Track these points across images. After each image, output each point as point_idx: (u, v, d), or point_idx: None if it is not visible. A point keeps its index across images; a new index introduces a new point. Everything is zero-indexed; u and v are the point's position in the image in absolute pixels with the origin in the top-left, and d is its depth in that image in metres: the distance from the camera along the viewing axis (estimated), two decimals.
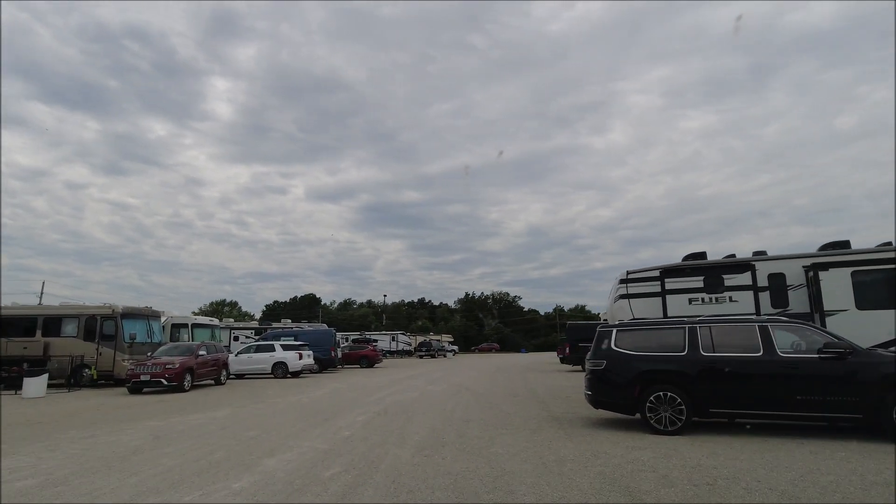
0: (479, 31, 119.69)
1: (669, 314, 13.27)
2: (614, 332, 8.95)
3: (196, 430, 9.20)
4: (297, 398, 14.51)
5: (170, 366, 16.09)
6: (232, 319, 44.99)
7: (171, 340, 24.65)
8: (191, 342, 21.20)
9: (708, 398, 7.88)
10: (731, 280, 12.99)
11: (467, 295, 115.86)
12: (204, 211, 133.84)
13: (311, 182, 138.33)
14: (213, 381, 19.09)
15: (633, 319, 13.89)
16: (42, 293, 51.72)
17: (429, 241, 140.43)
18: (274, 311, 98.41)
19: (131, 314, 19.52)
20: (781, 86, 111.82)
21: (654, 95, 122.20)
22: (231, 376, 22.87)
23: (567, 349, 24.88)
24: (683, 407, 7.89)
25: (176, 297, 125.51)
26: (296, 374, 23.70)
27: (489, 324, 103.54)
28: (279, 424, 9.65)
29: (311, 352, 24.34)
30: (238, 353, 23.24)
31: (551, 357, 50.92)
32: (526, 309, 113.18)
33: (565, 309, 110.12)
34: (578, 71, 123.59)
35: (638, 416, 8.41)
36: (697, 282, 13.33)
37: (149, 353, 17.76)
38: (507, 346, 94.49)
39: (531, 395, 14.58)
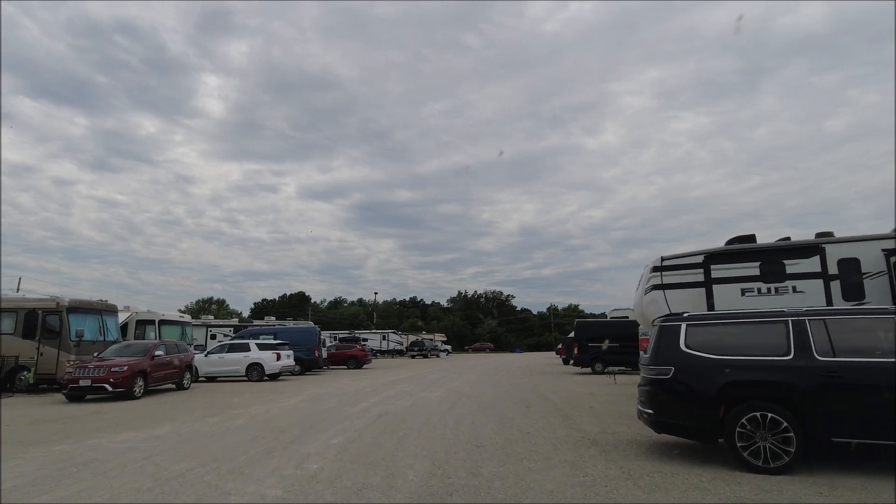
0: (474, 31, 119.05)
1: (717, 308, 10.96)
2: (683, 327, 6.58)
3: (109, 459, 6.72)
4: (265, 408, 12.03)
5: (116, 368, 13.55)
6: (211, 317, 42.24)
7: (137, 339, 22.09)
8: (146, 341, 18.63)
9: (829, 422, 5.54)
10: (794, 266, 10.70)
11: (460, 294, 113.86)
12: (194, 208, 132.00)
13: (303, 180, 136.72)
14: (173, 386, 16.55)
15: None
16: (18, 289, 48.63)
17: (421, 240, 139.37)
18: (262, 310, 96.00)
19: (80, 308, 16.92)
20: (773, 88, 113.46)
21: (646, 97, 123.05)
22: (201, 379, 20.39)
23: (576, 349, 22.58)
24: (792, 434, 5.54)
25: (166, 295, 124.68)
26: (274, 377, 21.19)
27: (489, 324, 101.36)
28: (226, 450, 7.19)
29: (290, 352, 21.83)
30: (208, 353, 20.69)
31: (549, 357, 48.76)
32: (519, 308, 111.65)
33: (559, 308, 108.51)
34: (572, 71, 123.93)
35: (722, 442, 6.07)
36: (752, 269, 11.02)
37: (95, 354, 15.17)
38: (500, 345, 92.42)
39: (547, 404, 12.22)
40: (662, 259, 12.22)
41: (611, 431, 8.47)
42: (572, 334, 42.90)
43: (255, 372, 20.11)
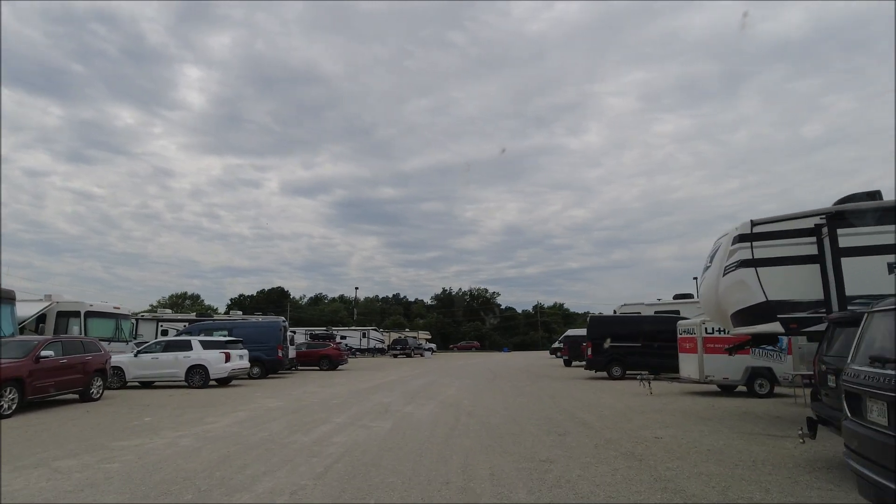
0: (459, 29, 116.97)
1: (850, 291, 7.40)
2: None
3: None
4: (172, 438, 8.16)
5: None
6: (169, 310, 37.79)
7: (57, 333, 17.94)
8: (30, 336, 14.51)
9: None
10: None
11: (444, 291, 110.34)
12: (173, 202, 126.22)
13: (285, 176, 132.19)
14: (77, 395, 12.53)
15: (769, 300, 8.04)
16: None
17: (404, 237, 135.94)
18: (239, 305, 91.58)
19: None
20: (752, 93, 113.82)
21: (630, 98, 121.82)
22: (131, 384, 16.36)
23: (589, 349, 18.97)
24: None
25: (143, 290, 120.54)
26: (223, 382, 17.24)
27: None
28: None
29: (245, 351, 17.87)
30: (139, 352, 16.61)
31: (543, 357, 45.29)
32: (503, 307, 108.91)
33: (544, 307, 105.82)
34: (556, 71, 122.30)
35: None
36: None
37: None
38: (486, 344, 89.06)
39: (585, 430, 8.54)
40: (753, 224, 8.61)
41: (741, 496, 4.81)
42: (568, 333, 39.65)
43: (198, 376, 16.12)
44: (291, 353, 24.85)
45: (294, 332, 46.25)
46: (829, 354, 6.16)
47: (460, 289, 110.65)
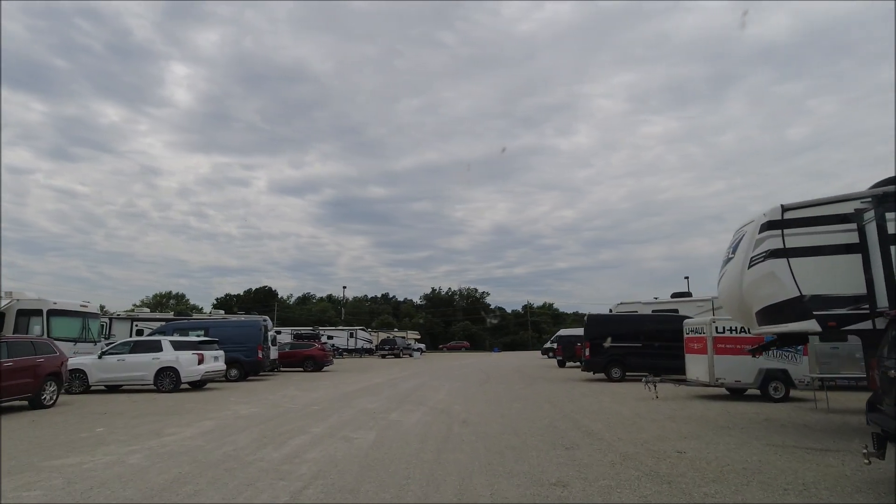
0: (449, 28, 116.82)
1: None
2: None
3: None
4: (117, 454, 7.02)
5: None
6: (147, 309, 36.29)
7: (18, 333, 16.63)
8: None
9: None
10: None
11: (434, 291, 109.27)
12: (160, 201, 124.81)
13: (274, 175, 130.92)
14: (26, 402, 11.30)
15: (803, 295, 7.10)
16: None
17: (394, 237, 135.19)
18: (226, 305, 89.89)
19: None
20: (738, 96, 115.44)
21: (619, 100, 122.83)
22: (95, 388, 15.12)
23: (587, 350, 18.00)
24: None
25: (128, 290, 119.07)
26: (197, 385, 16.04)
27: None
28: None
29: (220, 352, 16.66)
30: (103, 353, 15.33)
31: (535, 358, 44.35)
32: (492, 307, 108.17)
33: (534, 307, 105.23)
34: (546, 72, 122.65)
35: None
36: None
37: None
38: (476, 344, 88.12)
39: (596, 442, 7.53)
40: (784, 209, 7.66)
41: None
42: (561, 333, 38.73)
43: (168, 379, 14.89)
44: (274, 353, 23.62)
45: (279, 332, 45.16)
46: (891, 357, 5.20)
47: (449, 288, 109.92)
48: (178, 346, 15.39)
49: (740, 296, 8.15)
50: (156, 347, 15.25)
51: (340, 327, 56.02)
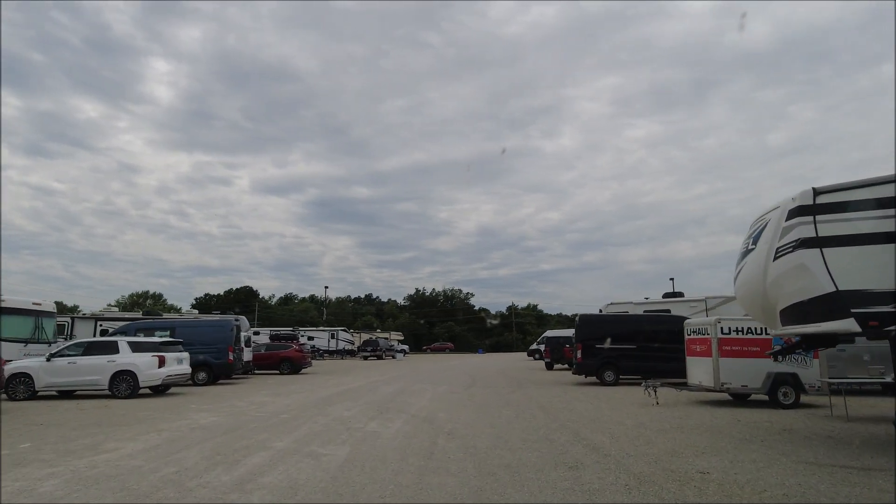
0: (435, 29, 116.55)
1: None
2: None
3: None
4: (31, 479, 5.83)
5: None
6: (116, 308, 34.53)
7: None
8: None
9: None
10: None
11: (418, 291, 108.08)
12: (139, 199, 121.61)
13: (257, 174, 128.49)
14: None
15: (839, 290, 6.19)
16: None
17: (379, 238, 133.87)
18: (205, 305, 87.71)
19: None
20: (720, 101, 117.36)
21: (603, 103, 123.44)
22: (43, 394, 13.73)
23: (579, 352, 17.05)
24: None
25: (106, 289, 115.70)
26: (159, 390, 14.73)
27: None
28: None
29: (185, 354, 15.36)
30: (52, 355, 13.93)
31: (521, 360, 43.45)
32: (477, 308, 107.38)
33: (518, 308, 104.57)
34: (532, 74, 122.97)
35: None
36: None
37: None
38: (460, 345, 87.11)
39: (603, 460, 6.51)
40: (816, 193, 6.74)
41: None
42: (548, 334, 37.89)
43: (125, 384, 13.58)
44: (248, 355, 22.33)
45: (258, 333, 43.61)
46: None
47: (434, 289, 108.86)
48: (136, 347, 14.07)
49: (763, 291, 7.22)
50: (112, 349, 13.92)
51: (321, 328, 54.51)
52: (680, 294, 22.87)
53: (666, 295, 23.65)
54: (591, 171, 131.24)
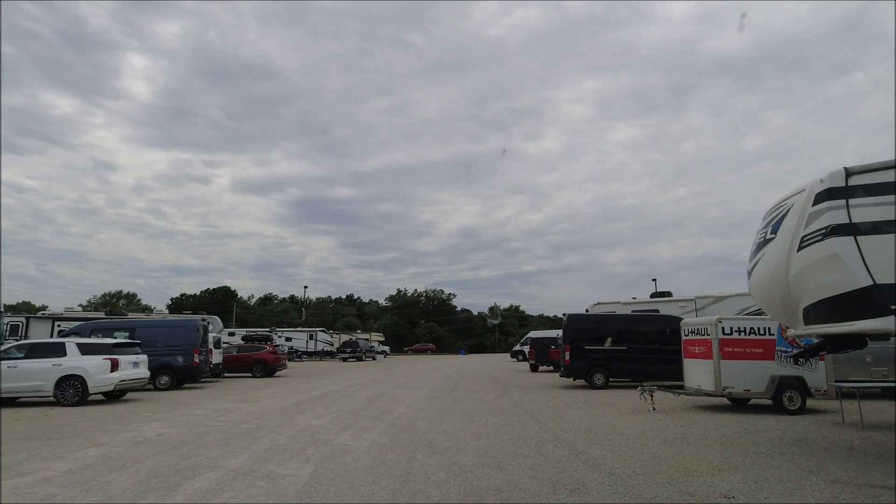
0: (418, 30, 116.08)
1: None
2: None
3: None
4: None
5: None
6: (79, 307, 32.74)
7: None
8: None
9: None
10: None
11: (399, 292, 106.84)
12: (115, 198, 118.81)
13: (237, 172, 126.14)
14: None
15: (878, 284, 5.38)
16: None
17: (360, 238, 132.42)
18: (182, 305, 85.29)
19: None
20: (698, 106, 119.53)
21: (585, 106, 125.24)
22: None
23: (567, 353, 16.19)
24: None
25: (79, 289, 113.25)
26: (114, 396, 13.48)
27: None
28: None
29: (143, 357, 14.10)
30: None
31: (504, 361, 42.60)
32: (459, 309, 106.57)
33: (501, 309, 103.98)
34: (514, 76, 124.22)
35: None
36: None
37: None
38: (442, 346, 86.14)
39: (605, 478, 5.59)
40: (848, 173, 5.92)
41: None
42: (532, 335, 37.00)
43: (73, 390, 12.30)
44: (217, 357, 21.06)
45: (233, 334, 42.02)
46: None
47: (416, 290, 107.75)
48: (86, 349, 12.79)
49: (785, 286, 6.39)
50: (58, 351, 12.62)
51: (300, 328, 53.04)
52: (668, 294, 22.20)
53: (654, 295, 22.99)
54: (572, 173, 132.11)
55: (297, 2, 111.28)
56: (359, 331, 71.32)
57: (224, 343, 25.30)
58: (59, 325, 23.18)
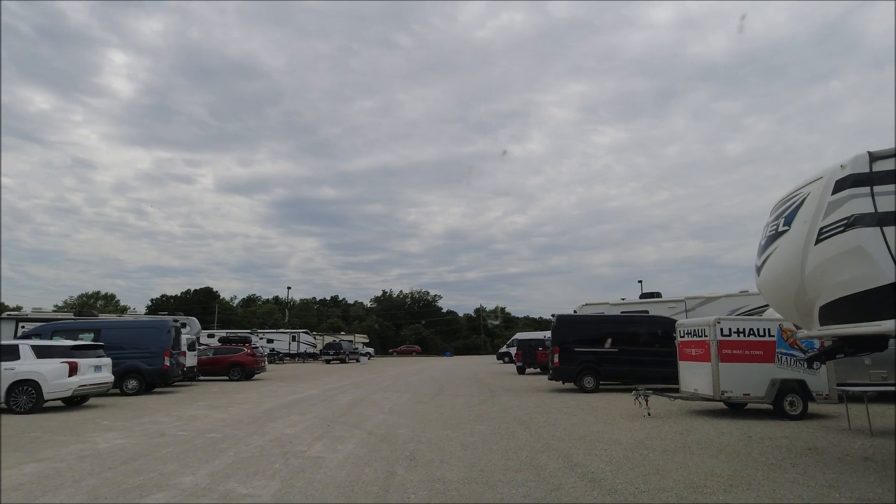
0: (405, 30, 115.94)
1: None
2: None
3: None
4: None
5: None
6: (54, 308, 31.36)
7: None
8: None
9: None
10: None
11: (385, 293, 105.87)
12: (95, 197, 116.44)
13: (221, 172, 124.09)
14: None
15: None
16: None
17: (345, 239, 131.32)
18: (162, 306, 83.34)
19: None
20: (682, 111, 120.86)
21: (570, 109, 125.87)
22: None
23: (556, 356, 15.59)
24: None
25: (57, 290, 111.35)
26: (74, 402, 12.57)
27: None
28: None
29: (106, 360, 13.20)
30: None
31: (491, 363, 42.05)
32: (444, 310, 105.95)
33: (487, 310, 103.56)
34: (500, 79, 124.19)
35: None
36: None
37: None
38: (427, 348, 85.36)
39: (612, 501, 4.96)
40: (873, 158, 5.39)
41: None
42: (519, 337, 36.53)
43: (26, 396, 11.38)
44: (191, 360, 20.12)
45: (213, 335, 40.85)
46: None
47: (401, 291, 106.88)
48: (42, 352, 11.87)
49: (800, 282, 5.84)
50: (11, 354, 11.68)
51: (282, 330, 51.92)
52: (658, 294, 21.79)
53: (643, 295, 22.58)
54: (557, 175, 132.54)
55: (283, 1, 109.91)
56: (343, 332, 70.28)
57: (202, 345, 24.33)
58: (23, 326, 22.00)
